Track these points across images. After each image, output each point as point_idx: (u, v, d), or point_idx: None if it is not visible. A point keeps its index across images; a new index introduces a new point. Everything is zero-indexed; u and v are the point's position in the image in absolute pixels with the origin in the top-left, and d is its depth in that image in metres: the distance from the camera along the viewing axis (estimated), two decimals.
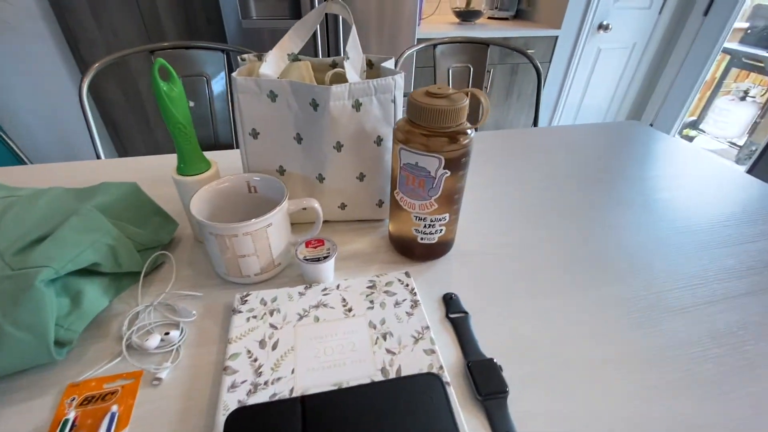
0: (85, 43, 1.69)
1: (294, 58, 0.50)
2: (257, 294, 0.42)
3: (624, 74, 2.38)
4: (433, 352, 0.36)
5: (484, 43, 1.06)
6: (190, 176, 0.46)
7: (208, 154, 0.72)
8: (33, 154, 1.90)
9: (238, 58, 0.50)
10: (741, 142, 2.65)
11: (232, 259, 0.41)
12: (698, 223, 0.58)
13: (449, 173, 0.40)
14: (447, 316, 0.42)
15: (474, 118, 1.17)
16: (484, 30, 1.91)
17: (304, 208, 0.44)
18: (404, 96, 0.46)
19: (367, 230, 0.54)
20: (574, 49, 2.17)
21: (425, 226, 0.45)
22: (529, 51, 2.05)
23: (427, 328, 0.39)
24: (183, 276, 0.46)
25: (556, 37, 2.04)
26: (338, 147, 0.45)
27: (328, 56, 1.69)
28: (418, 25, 1.87)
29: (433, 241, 0.46)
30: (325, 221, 0.54)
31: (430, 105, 0.37)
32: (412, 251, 0.48)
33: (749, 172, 2.10)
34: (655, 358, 0.38)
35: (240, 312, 0.40)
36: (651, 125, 2.54)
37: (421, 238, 0.46)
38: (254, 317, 0.40)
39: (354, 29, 0.45)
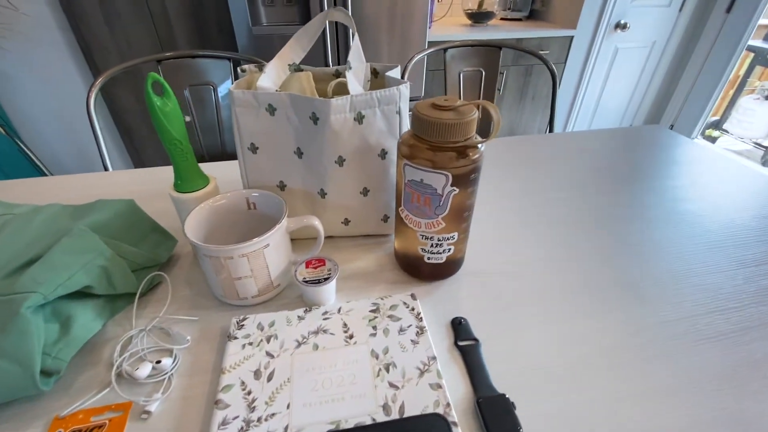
0: (99, 51, 1.72)
1: (296, 68, 0.48)
2: (254, 318, 0.40)
3: (643, 74, 2.30)
4: (439, 386, 0.33)
5: (496, 46, 1.03)
6: (188, 193, 0.44)
7: (213, 166, 0.71)
8: (51, 162, 1.93)
9: (238, 69, 0.49)
10: (767, 143, 2.53)
11: (228, 282, 0.39)
12: (728, 238, 0.54)
13: (457, 190, 0.37)
14: (455, 343, 0.39)
15: (485, 130, 1.13)
16: (497, 31, 1.87)
17: (297, 237, 0.42)
18: (411, 106, 0.43)
19: (371, 246, 0.51)
20: (591, 49, 2.11)
21: (432, 246, 0.42)
22: (543, 52, 2.01)
23: (434, 358, 0.36)
24: (180, 296, 0.44)
25: (572, 38, 1.98)
26: (340, 162, 0.43)
27: (338, 64, 1.69)
28: (429, 27, 1.84)
29: (441, 261, 0.43)
30: (328, 237, 0.52)
31: (437, 119, 0.35)
32: (419, 270, 0.46)
33: None
34: (686, 393, 0.35)
35: (235, 338, 0.38)
36: (671, 126, 2.45)
37: (428, 258, 0.43)
38: (250, 344, 0.37)
39: (357, 38, 0.43)
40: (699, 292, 0.45)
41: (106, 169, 0.83)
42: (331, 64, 1.65)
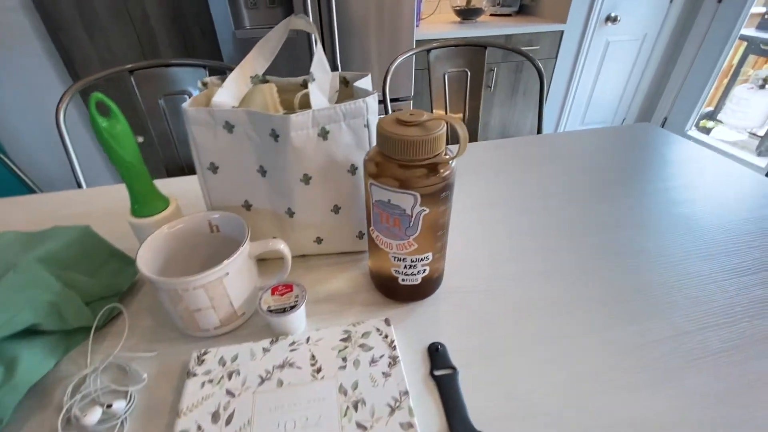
0: (80, 61, 1.68)
1: (261, 80, 0.46)
2: (216, 352, 0.37)
3: (635, 67, 2.28)
4: (411, 426, 0.31)
5: (481, 45, 1.00)
6: (146, 218, 0.41)
7: (187, 180, 0.68)
8: (37, 176, 1.90)
9: (198, 82, 0.46)
10: (761, 132, 2.51)
11: (187, 314, 0.37)
12: (720, 245, 0.51)
13: (428, 210, 0.35)
14: (431, 373, 0.36)
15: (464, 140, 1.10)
16: (486, 28, 1.84)
17: (264, 257, 0.39)
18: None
19: (347, 265, 0.49)
20: (582, 43, 2.09)
21: (406, 267, 0.39)
22: (533, 48, 1.98)
23: (406, 393, 0.33)
24: (141, 327, 0.42)
25: (562, 32, 1.95)
26: (306, 179, 0.40)
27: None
28: (417, 25, 1.81)
29: (417, 282, 0.41)
30: (300, 256, 0.50)
31: (401, 136, 0.32)
32: (395, 292, 0.43)
33: None
34: (683, 422, 0.32)
35: (195, 375, 0.35)
36: (665, 119, 2.43)
37: (403, 280, 0.41)
38: (210, 381, 0.35)
39: (320, 47, 0.40)
40: (692, 306, 0.43)
41: (79, 185, 0.80)
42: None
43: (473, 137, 1.06)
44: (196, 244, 0.42)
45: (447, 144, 0.35)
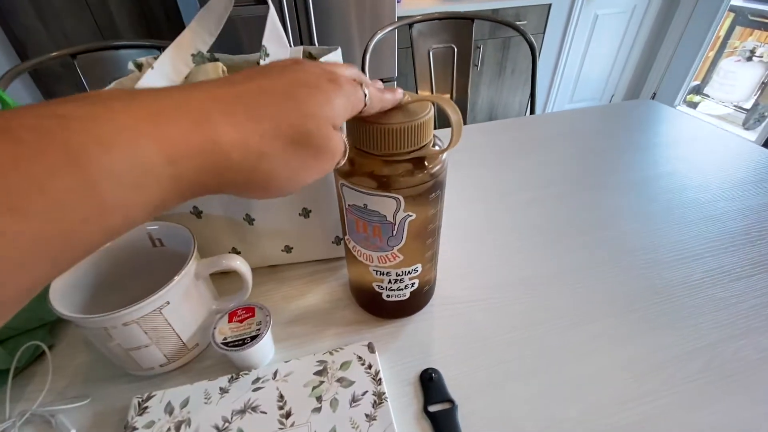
0: (33, 48, 1.54)
1: (209, 58, 0.38)
2: (162, 396, 0.30)
3: (624, 41, 2.21)
4: None
5: (468, 18, 0.91)
6: None
7: None
8: None
9: (130, 63, 0.38)
10: (748, 106, 2.49)
11: (122, 353, 0.30)
12: (742, 233, 0.46)
13: (414, 216, 0.28)
14: (425, 409, 0.30)
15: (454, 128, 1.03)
16: (471, 3, 1.74)
17: (223, 271, 0.32)
18: None
19: (323, 275, 0.42)
20: (570, 17, 2.00)
21: (390, 282, 0.33)
22: (520, 23, 1.89)
23: None
24: (73, 366, 0.34)
25: (549, 5, 1.87)
26: None
27: (300, 44, 1.54)
28: (398, 2, 1.71)
29: (404, 298, 0.34)
30: (269, 266, 0.43)
31: (378, 123, 0.25)
32: (380, 308, 0.37)
33: (765, 144, 1.97)
34: None
35: (134, 429, 0.29)
36: (654, 94, 2.38)
37: (387, 296, 0.34)
38: None
39: (272, 12, 0.32)
40: (720, 309, 0.37)
41: None
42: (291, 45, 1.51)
43: (463, 119, 0.99)
44: (136, 263, 0.35)
45: (435, 129, 0.28)
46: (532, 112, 0.95)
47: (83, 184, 0.11)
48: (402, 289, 0.33)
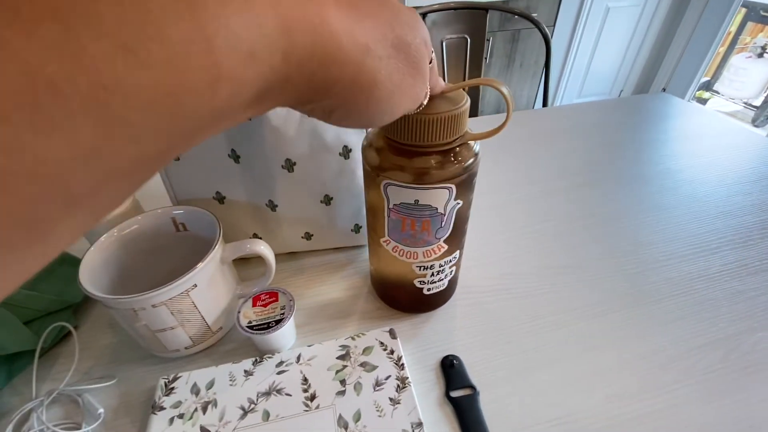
0: None
1: None
2: (188, 377, 0.31)
3: (635, 35, 2.18)
4: None
5: (482, 8, 0.91)
6: None
7: None
8: None
9: None
10: (757, 103, 2.46)
11: (149, 334, 0.30)
12: (759, 228, 0.46)
13: (461, 203, 0.28)
14: (447, 395, 0.31)
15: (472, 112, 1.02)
16: None
17: (245, 256, 0.32)
18: None
19: (342, 264, 0.42)
20: (581, 10, 1.98)
21: (433, 275, 0.32)
22: (531, 14, 1.87)
23: (419, 425, 0.27)
24: (99, 347, 0.35)
25: None
26: (289, 166, 0.33)
27: None
28: None
29: (443, 288, 0.34)
30: (289, 253, 0.43)
31: (431, 114, 0.24)
32: (416, 304, 0.36)
33: None
34: None
35: (161, 409, 0.29)
36: (663, 89, 2.36)
37: (429, 290, 0.34)
38: (180, 417, 0.29)
39: None
40: (738, 302, 0.37)
41: None
42: None
43: (474, 111, 0.98)
44: (159, 247, 0.35)
45: None
46: (544, 104, 0.94)
47: (201, 37, 0.09)
48: (443, 280, 0.33)
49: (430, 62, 0.20)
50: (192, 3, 0.09)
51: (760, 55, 2.47)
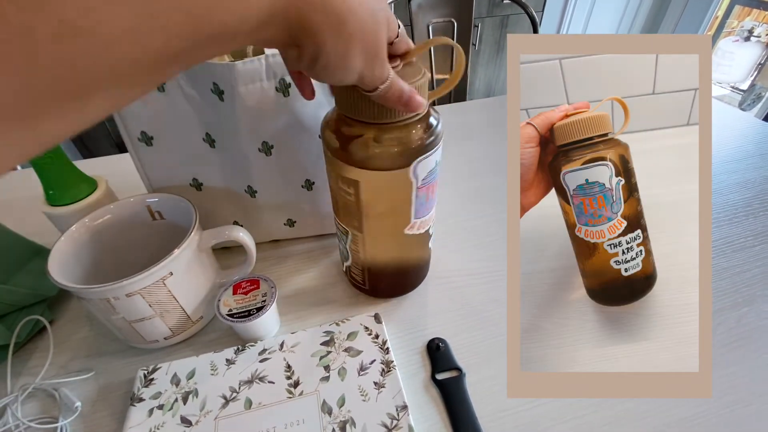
0: None
1: None
2: (168, 367, 0.30)
3: (623, 19, 2.18)
4: None
5: None
6: (66, 206, 0.33)
7: (119, 160, 0.58)
8: None
9: None
10: (744, 87, 2.48)
11: (125, 325, 0.29)
12: (744, 205, 0.46)
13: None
14: (433, 377, 0.30)
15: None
16: None
17: (225, 245, 0.31)
18: None
19: (325, 251, 0.41)
20: None
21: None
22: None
23: (404, 408, 0.27)
24: (75, 340, 0.34)
25: None
26: (266, 149, 0.32)
27: None
28: None
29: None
30: (272, 241, 0.42)
31: None
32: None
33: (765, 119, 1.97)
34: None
35: (141, 400, 0.28)
36: None
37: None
38: (160, 407, 0.28)
39: None
40: (725, 278, 0.37)
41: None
42: None
43: (461, 97, 0.97)
44: (135, 236, 0.34)
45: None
46: None
47: None
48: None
49: (397, 36, 0.22)
50: None
51: (747, 39, 2.48)
